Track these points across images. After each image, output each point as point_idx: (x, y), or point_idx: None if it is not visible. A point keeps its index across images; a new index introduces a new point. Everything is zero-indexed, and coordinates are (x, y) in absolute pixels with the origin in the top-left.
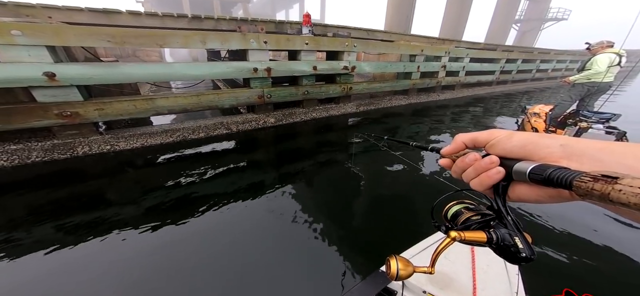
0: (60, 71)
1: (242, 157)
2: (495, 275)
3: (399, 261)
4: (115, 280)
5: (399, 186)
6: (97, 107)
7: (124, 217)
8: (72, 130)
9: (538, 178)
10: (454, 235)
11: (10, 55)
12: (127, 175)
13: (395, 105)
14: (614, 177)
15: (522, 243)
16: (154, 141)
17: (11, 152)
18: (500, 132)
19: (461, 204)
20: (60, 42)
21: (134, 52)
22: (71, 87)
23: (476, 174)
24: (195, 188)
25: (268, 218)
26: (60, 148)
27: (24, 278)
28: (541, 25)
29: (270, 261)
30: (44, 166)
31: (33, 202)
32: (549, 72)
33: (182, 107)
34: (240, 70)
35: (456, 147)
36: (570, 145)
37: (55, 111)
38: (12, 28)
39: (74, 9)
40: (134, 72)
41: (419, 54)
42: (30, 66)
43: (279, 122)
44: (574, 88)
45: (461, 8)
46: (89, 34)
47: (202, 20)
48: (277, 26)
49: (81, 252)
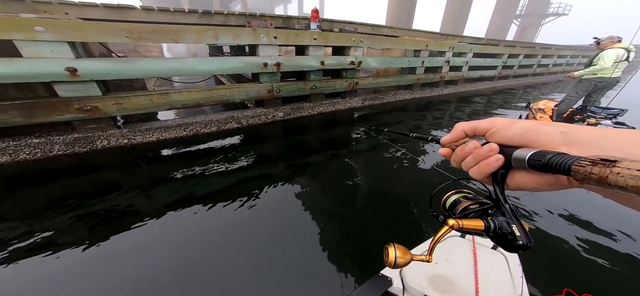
0: (82, 66)
1: (250, 151)
2: (498, 277)
3: (397, 249)
4: (134, 270)
5: (399, 179)
6: (115, 102)
7: (142, 208)
8: (91, 124)
9: (537, 164)
10: (451, 222)
11: (33, 51)
12: (144, 169)
13: (400, 100)
14: (612, 161)
15: (519, 231)
16: (169, 135)
17: (34, 146)
18: (500, 120)
19: (460, 193)
20: (81, 38)
21: (135, 47)
22: (91, 82)
23: (475, 162)
24: (201, 182)
25: (270, 214)
26: (80, 142)
27: (54, 268)
28: (542, 20)
29: (270, 259)
30: (66, 159)
31: (58, 194)
32: (550, 67)
33: (195, 102)
34: (251, 65)
35: (456, 136)
36: (571, 133)
37: (76, 105)
38: (35, 24)
39: (89, 5)
40: (150, 67)
41: (423, 50)
42: (52, 62)
43: (287, 116)
44: (580, 84)
45: (462, 3)
46: (108, 30)
47: (212, 15)
48: (284, 21)
49: (103, 243)
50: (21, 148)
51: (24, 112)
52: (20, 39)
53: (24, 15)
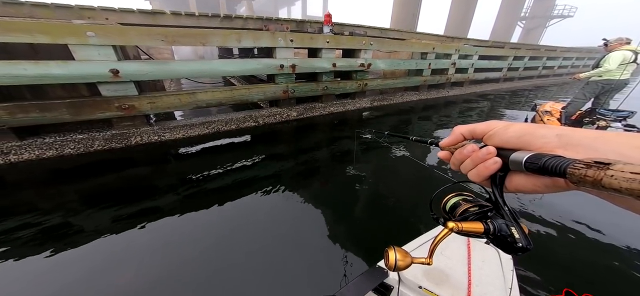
0: (123, 68)
1: (264, 148)
2: (490, 270)
3: (398, 252)
4: (166, 260)
5: (399, 181)
6: (150, 101)
7: (171, 203)
8: (127, 122)
9: (534, 167)
10: (451, 225)
11: (84, 54)
12: (174, 165)
13: (407, 101)
14: (606, 163)
15: (518, 233)
16: (193, 132)
17: (77, 141)
18: (498, 123)
19: (459, 196)
20: (124, 41)
21: (148, 49)
22: (129, 83)
23: (474, 165)
24: (214, 179)
25: (272, 211)
26: (117, 138)
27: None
28: (546, 22)
29: (270, 256)
30: (104, 153)
31: (102, 186)
32: (555, 69)
33: (218, 101)
34: (268, 67)
35: (454, 139)
36: (566, 135)
37: (116, 104)
38: (87, 30)
39: (127, 11)
40: (181, 69)
41: (430, 52)
42: (99, 64)
43: (300, 115)
44: (587, 86)
45: (467, 5)
46: (147, 34)
47: (233, 19)
48: (297, 25)
49: (138, 232)
50: (67, 144)
51: (72, 110)
52: (74, 43)
53: (76, 21)
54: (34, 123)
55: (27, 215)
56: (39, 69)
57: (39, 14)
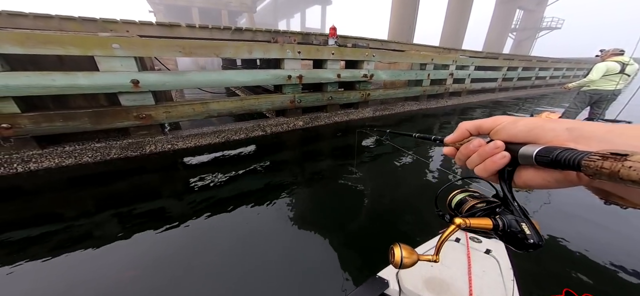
0: (143, 78)
1: (270, 157)
2: (491, 280)
3: (404, 249)
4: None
5: (402, 183)
6: (165, 110)
7: (181, 210)
8: (143, 131)
9: (545, 160)
10: (459, 221)
11: (108, 65)
12: (187, 172)
13: (408, 111)
14: (623, 154)
15: (529, 229)
16: (204, 141)
17: (95, 150)
18: (505, 118)
19: (465, 192)
20: (146, 53)
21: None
22: (147, 93)
23: (481, 160)
24: (222, 187)
25: (276, 219)
26: (133, 147)
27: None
28: (536, 33)
29: (272, 260)
30: (119, 162)
31: (118, 192)
32: (547, 79)
33: (228, 110)
34: (277, 77)
35: (460, 135)
36: (577, 128)
37: (134, 113)
38: (112, 42)
39: (146, 24)
40: (197, 79)
41: (429, 63)
42: (122, 74)
43: (306, 125)
44: (578, 96)
45: (460, 18)
46: (167, 46)
47: (243, 31)
48: (303, 38)
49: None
50: (85, 152)
51: (93, 119)
52: (100, 54)
53: (102, 34)
54: (57, 132)
55: (47, 222)
56: (67, 80)
57: (67, 27)
